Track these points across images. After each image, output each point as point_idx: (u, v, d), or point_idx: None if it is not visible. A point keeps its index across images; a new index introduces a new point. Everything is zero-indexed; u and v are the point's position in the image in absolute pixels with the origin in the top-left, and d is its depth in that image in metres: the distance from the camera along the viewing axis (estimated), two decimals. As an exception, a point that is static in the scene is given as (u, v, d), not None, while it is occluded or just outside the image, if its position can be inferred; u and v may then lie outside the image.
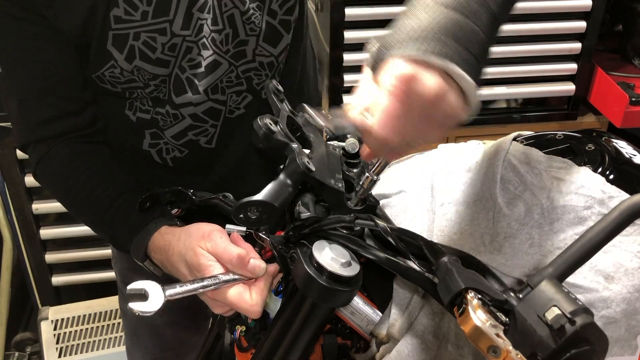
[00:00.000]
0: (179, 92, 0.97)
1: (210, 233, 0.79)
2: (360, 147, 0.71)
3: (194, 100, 0.99)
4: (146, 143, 1.04)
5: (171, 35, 0.91)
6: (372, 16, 1.76)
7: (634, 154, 0.91)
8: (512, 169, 0.83)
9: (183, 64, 0.95)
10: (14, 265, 2.07)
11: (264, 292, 0.77)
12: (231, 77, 0.99)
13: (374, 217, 0.71)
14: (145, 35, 0.90)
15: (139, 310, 0.69)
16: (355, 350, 0.86)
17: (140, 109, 1.00)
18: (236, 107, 1.03)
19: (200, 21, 0.92)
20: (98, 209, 0.95)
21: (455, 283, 0.58)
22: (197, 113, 1.00)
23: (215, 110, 1.01)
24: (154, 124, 1.01)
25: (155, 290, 0.70)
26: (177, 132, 1.02)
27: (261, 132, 0.71)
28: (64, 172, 0.98)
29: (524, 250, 0.78)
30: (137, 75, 0.94)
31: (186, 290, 0.73)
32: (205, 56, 0.95)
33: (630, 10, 2.02)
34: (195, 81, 0.97)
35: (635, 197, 0.54)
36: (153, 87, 0.96)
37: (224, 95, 1.00)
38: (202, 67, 0.96)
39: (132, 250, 0.91)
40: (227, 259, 0.76)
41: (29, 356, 2.14)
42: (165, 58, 0.93)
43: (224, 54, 0.96)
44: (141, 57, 0.92)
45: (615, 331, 0.76)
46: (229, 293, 0.75)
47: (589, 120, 2.06)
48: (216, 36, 0.94)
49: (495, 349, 0.52)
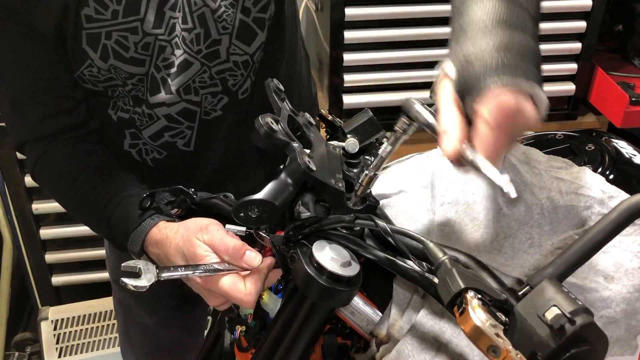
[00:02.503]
0: (153, 92, 0.97)
1: (208, 225, 0.80)
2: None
3: (167, 101, 0.98)
4: (127, 143, 1.05)
5: (143, 34, 0.91)
6: (372, 16, 1.76)
7: (634, 154, 0.91)
8: (512, 169, 0.83)
9: (158, 63, 0.95)
10: (14, 265, 2.07)
11: (259, 283, 0.77)
12: (204, 77, 0.98)
13: (373, 217, 0.71)
14: (117, 34, 0.90)
15: (131, 285, 0.69)
16: (355, 350, 0.86)
17: (121, 108, 1.00)
18: (212, 108, 1.02)
19: (173, 20, 0.92)
20: (96, 206, 0.95)
21: (455, 283, 0.58)
22: (171, 114, 1.00)
23: (190, 112, 1.01)
24: (132, 123, 1.01)
25: (148, 268, 0.71)
26: (153, 133, 1.02)
27: (262, 130, 0.70)
28: (63, 171, 0.99)
29: (524, 250, 0.78)
30: (114, 73, 0.94)
31: (180, 274, 0.74)
32: (177, 55, 0.95)
33: (630, 10, 2.02)
34: (168, 80, 0.96)
35: (635, 197, 0.55)
36: (131, 86, 0.96)
37: (198, 96, 0.99)
38: (174, 66, 0.95)
39: (129, 245, 0.91)
40: (223, 249, 0.77)
41: (29, 356, 2.14)
42: (140, 57, 0.93)
43: (195, 54, 0.95)
44: (115, 56, 0.92)
45: (615, 331, 0.76)
46: (223, 281, 0.76)
47: (589, 120, 2.06)
48: (186, 35, 0.93)
49: (495, 349, 0.52)
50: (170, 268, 0.73)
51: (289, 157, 0.72)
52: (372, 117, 0.86)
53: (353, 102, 1.87)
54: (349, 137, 0.84)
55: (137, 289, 0.69)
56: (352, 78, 1.85)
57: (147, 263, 0.71)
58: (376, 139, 0.87)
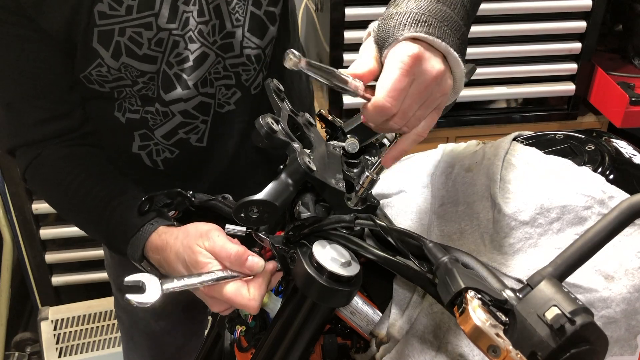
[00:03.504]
0: (168, 89, 0.97)
1: (208, 232, 0.79)
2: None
3: (184, 96, 0.98)
4: (135, 145, 1.03)
5: (157, 29, 0.91)
6: (372, 16, 1.74)
7: (634, 154, 0.91)
8: (512, 169, 0.83)
9: (170, 60, 0.94)
10: (14, 265, 2.07)
11: (262, 287, 0.77)
12: (218, 68, 0.98)
13: (374, 217, 0.71)
14: (131, 30, 0.89)
15: (135, 301, 0.68)
16: (355, 350, 0.86)
17: (129, 109, 0.99)
18: (225, 101, 1.02)
19: (186, 14, 0.92)
20: (94, 211, 0.94)
21: (455, 283, 0.58)
22: (187, 109, 0.99)
23: (205, 105, 1.00)
24: (143, 124, 1.00)
25: (152, 282, 0.70)
26: (167, 131, 1.01)
27: (262, 131, 0.70)
28: (58, 176, 0.97)
29: (523, 250, 0.78)
30: (124, 72, 0.93)
31: (183, 285, 0.73)
32: (192, 49, 0.94)
33: (630, 10, 2.02)
34: (183, 76, 0.96)
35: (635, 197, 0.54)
36: (142, 85, 0.95)
37: (213, 87, 0.99)
38: (190, 60, 0.95)
39: (129, 251, 0.91)
40: (225, 256, 0.76)
41: (29, 356, 2.14)
42: (152, 54, 0.92)
43: (211, 45, 0.95)
44: (127, 54, 0.91)
45: (615, 331, 0.76)
46: (227, 288, 0.75)
47: (589, 120, 2.06)
48: (203, 28, 0.93)
49: (495, 349, 0.52)
50: (173, 279, 0.72)
51: (289, 157, 0.72)
52: (372, 117, 0.86)
53: (353, 102, 1.87)
54: (349, 137, 0.84)
55: (141, 305, 0.69)
56: (352, 78, 1.85)
57: (150, 276, 0.70)
58: (376, 139, 0.87)
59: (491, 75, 1.95)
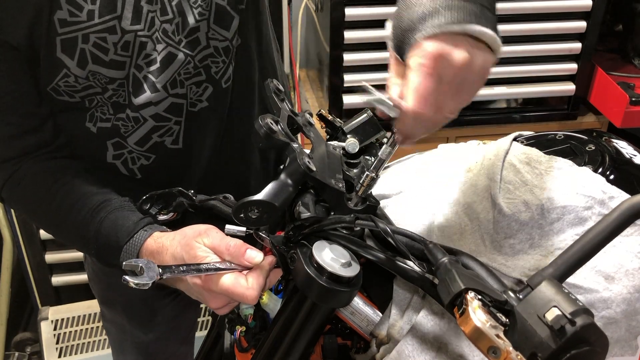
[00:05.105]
0: (137, 93, 0.93)
1: (207, 230, 0.79)
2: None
3: (154, 99, 0.94)
4: (110, 155, 1.00)
5: (122, 32, 0.87)
6: (372, 16, 1.76)
7: (634, 154, 0.91)
8: (512, 169, 0.83)
9: (139, 62, 0.91)
10: (14, 265, 2.07)
11: (260, 278, 0.76)
12: (189, 68, 0.95)
13: (374, 218, 0.71)
14: (95, 36, 0.86)
15: (133, 283, 0.68)
16: (355, 351, 0.86)
17: (100, 118, 0.96)
18: (197, 99, 0.99)
19: (151, 14, 0.89)
20: (79, 224, 0.92)
21: (455, 284, 0.58)
22: (158, 112, 0.96)
23: (177, 105, 0.97)
24: (115, 132, 0.97)
25: (150, 266, 0.70)
26: (140, 137, 0.98)
27: (262, 131, 0.70)
28: (37, 193, 0.95)
29: (524, 250, 0.78)
30: (92, 80, 0.90)
31: (182, 272, 0.73)
32: (159, 50, 0.91)
33: (630, 10, 2.02)
34: (151, 78, 0.93)
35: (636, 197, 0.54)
36: (112, 92, 0.92)
37: (184, 87, 0.96)
38: (157, 62, 0.92)
39: (121, 259, 0.88)
40: (224, 248, 0.76)
41: (29, 356, 2.14)
42: (120, 59, 0.89)
43: (177, 45, 0.92)
44: (94, 61, 0.88)
45: (615, 332, 0.76)
46: (224, 279, 0.75)
47: (589, 120, 2.06)
48: (167, 27, 0.90)
49: (495, 350, 0.52)
50: (172, 267, 0.72)
51: (289, 157, 0.72)
52: (372, 117, 0.86)
53: (353, 102, 1.87)
54: (349, 137, 0.84)
55: (138, 287, 0.68)
56: (352, 78, 1.85)
57: (149, 261, 0.70)
58: (376, 139, 0.87)
59: (491, 75, 1.92)
